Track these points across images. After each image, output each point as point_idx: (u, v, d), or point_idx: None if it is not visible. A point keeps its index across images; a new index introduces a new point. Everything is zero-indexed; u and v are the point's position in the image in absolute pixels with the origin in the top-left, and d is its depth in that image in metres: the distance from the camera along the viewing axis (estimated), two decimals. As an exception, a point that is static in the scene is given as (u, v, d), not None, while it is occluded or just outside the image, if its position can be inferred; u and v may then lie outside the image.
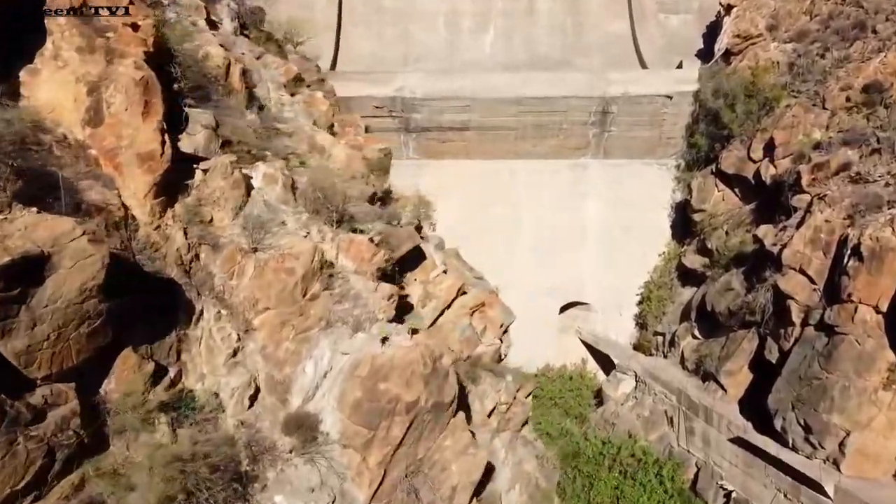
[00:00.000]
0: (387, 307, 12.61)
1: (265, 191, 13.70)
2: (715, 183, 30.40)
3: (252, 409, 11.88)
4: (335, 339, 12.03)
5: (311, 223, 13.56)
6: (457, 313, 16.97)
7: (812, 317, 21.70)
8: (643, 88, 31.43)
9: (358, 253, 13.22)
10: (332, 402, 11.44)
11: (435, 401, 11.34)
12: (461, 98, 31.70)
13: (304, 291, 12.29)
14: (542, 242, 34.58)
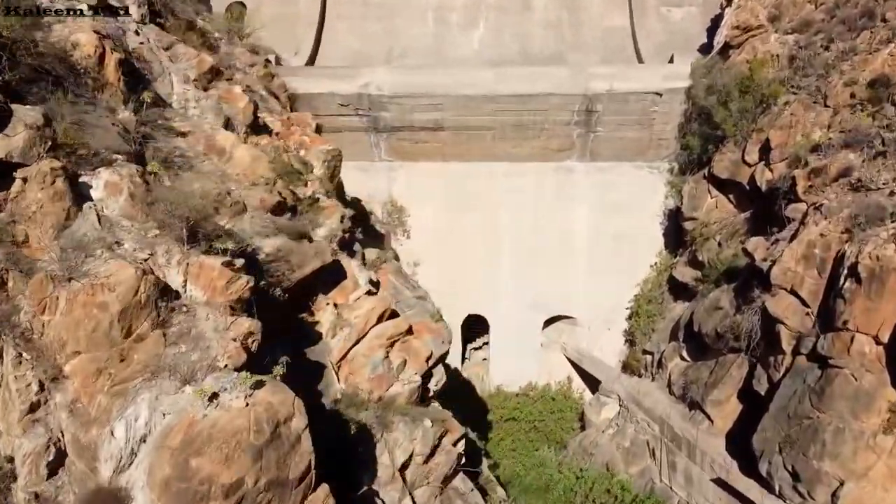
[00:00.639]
0: (234, 351, 10.17)
1: (106, 203, 11.38)
2: (708, 188, 27.54)
3: (54, 479, 9.57)
4: (158, 394, 9.64)
5: (160, 243, 11.22)
6: (371, 345, 14.50)
7: (804, 345, 18.85)
8: (630, 84, 28.64)
9: (209, 280, 10.84)
10: (144, 476, 9.07)
11: (271, 478, 8.89)
12: (432, 95, 29.23)
13: (125, 331, 9.93)
14: (524, 251, 32.01)
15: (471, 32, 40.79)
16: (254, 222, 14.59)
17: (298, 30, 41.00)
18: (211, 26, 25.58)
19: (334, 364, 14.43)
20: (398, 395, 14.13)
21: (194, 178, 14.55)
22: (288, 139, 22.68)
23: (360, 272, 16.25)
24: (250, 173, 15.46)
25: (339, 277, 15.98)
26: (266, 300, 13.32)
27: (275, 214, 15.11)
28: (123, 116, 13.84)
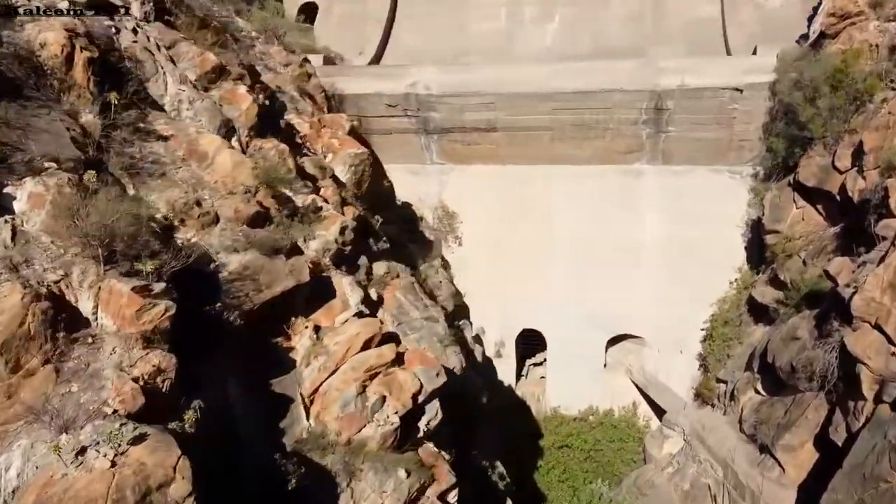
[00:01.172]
0: (129, 394, 8.75)
1: (28, 216, 10.31)
2: (793, 197, 24.01)
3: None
4: (34, 441, 8.36)
5: (78, 262, 10.02)
6: (346, 377, 12.81)
7: (888, 392, 15.54)
8: (704, 79, 25.48)
9: (118, 308, 9.51)
10: (4, 535, 7.82)
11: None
12: (482, 94, 27.27)
13: (12, 365, 8.74)
14: (584, 262, 29.42)
15: (544, 27, 38.45)
16: (224, 236, 13.27)
17: (366, 29, 40.08)
18: (250, 25, 24.84)
19: (306, 397, 12.86)
20: (369, 438, 12.36)
21: (163, 185, 13.42)
22: (315, 142, 21.48)
23: (352, 290, 14.60)
24: (230, 181, 14.16)
25: (328, 296, 14.42)
26: (223, 325, 11.97)
27: (253, 226, 13.74)
28: (86, 120, 12.84)
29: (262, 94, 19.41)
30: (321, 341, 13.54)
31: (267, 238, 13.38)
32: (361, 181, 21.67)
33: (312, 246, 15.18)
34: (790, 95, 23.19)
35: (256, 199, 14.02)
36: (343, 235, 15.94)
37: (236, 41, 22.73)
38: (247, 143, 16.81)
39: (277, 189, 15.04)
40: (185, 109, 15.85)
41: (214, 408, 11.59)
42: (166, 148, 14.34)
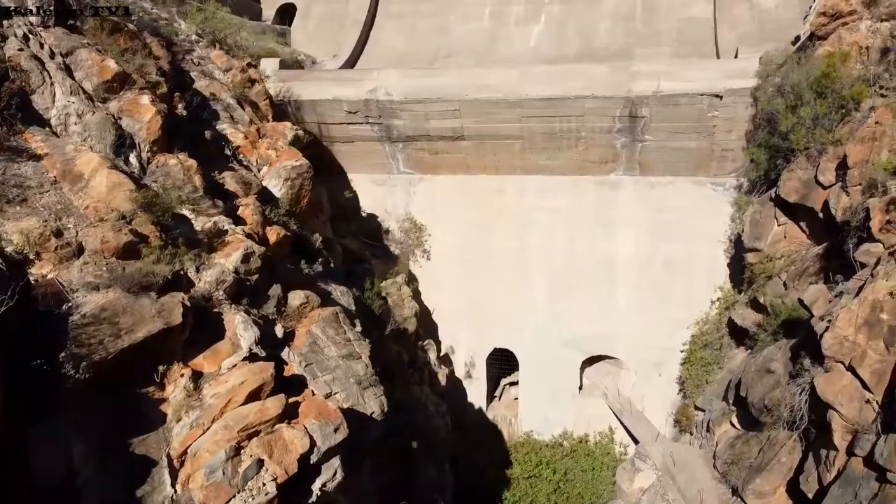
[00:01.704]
0: None
1: None
2: (774, 214, 22.05)
3: None
4: None
5: None
6: (218, 437, 11.15)
7: (860, 445, 13.67)
8: (681, 84, 23.54)
9: None
10: None
11: None
12: (447, 100, 25.52)
13: None
14: (558, 279, 27.64)
15: (529, 28, 36.77)
16: (85, 271, 11.69)
17: (343, 31, 38.60)
18: (192, 28, 23.33)
19: (175, 459, 11.22)
20: (237, 513, 10.70)
21: (21, 213, 11.88)
22: (250, 154, 19.92)
23: (245, 329, 12.95)
24: (102, 206, 12.58)
25: (216, 336, 12.78)
26: (64, 378, 10.39)
27: (124, 258, 12.14)
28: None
29: (181, 103, 17.89)
30: (199, 391, 11.91)
31: (135, 273, 11.77)
32: (300, 196, 20.06)
33: (206, 277, 13.56)
34: (771, 102, 21.25)
35: (131, 227, 12.41)
36: (247, 263, 14.30)
37: (170, 45, 21.23)
38: (148, 158, 15.25)
39: (167, 213, 13.38)
40: (74, 124, 14.32)
41: (50, 476, 10.05)
42: (36, 169, 12.81)
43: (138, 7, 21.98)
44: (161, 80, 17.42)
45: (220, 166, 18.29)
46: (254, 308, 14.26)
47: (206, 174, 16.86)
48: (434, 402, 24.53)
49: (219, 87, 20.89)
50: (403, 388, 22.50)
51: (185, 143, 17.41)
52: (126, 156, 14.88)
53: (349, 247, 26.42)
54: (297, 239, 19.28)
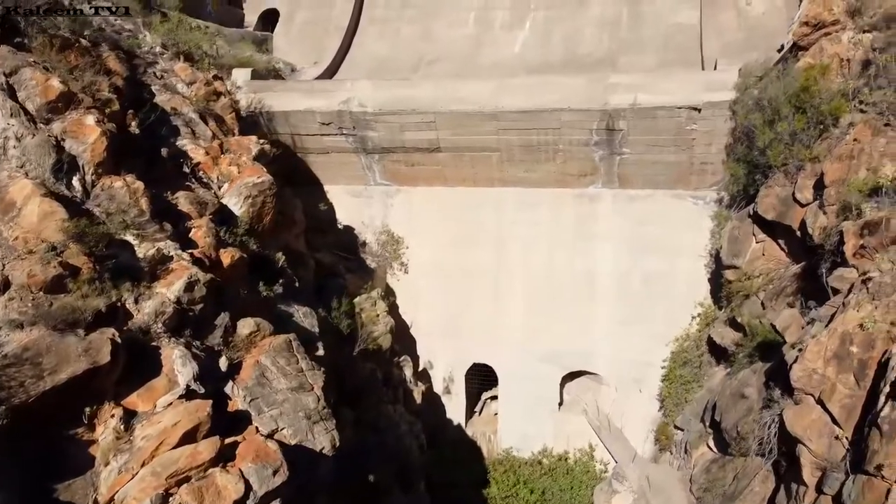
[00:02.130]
0: None
1: None
2: (752, 230, 21.47)
3: None
4: None
5: None
6: (145, 484, 10.58)
7: (829, 483, 13.10)
8: (658, 97, 22.96)
9: None
10: None
11: None
12: (422, 112, 24.95)
13: None
14: (538, 294, 27.09)
15: (514, 34, 36.23)
16: (10, 307, 11.14)
17: (325, 37, 38.02)
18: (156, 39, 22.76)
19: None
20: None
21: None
22: (210, 171, 19.35)
23: (183, 364, 12.39)
24: (32, 237, 12.01)
25: (151, 373, 12.22)
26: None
27: (53, 292, 11.58)
28: None
29: (134, 121, 17.32)
30: (131, 433, 11.36)
31: (61, 309, 11.20)
32: (262, 213, 19.47)
33: (145, 308, 12.99)
34: (747, 117, 20.67)
35: (61, 260, 11.83)
36: (190, 292, 13.73)
37: (132, 58, 20.69)
38: (93, 181, 14.67)
39: (101, 243, 12.78)
40: (13, 148, 13.76)
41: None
42: (-35, 197, 12.25)
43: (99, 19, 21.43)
44: (113, 97, 16.84)
45: (176, 185, 17.68)
46: (197, 339, 13.69)
47: (159, 195, 16.30)
48: (408, 420, 24.00)
49: (180, 101, 20.30)
50: (375, 408, 21.95)
51: (138, 162, 16.83)
52: (69, 179, 14.30)
53: (322, 261, 25.85)
54: (258, 259, 18.69)
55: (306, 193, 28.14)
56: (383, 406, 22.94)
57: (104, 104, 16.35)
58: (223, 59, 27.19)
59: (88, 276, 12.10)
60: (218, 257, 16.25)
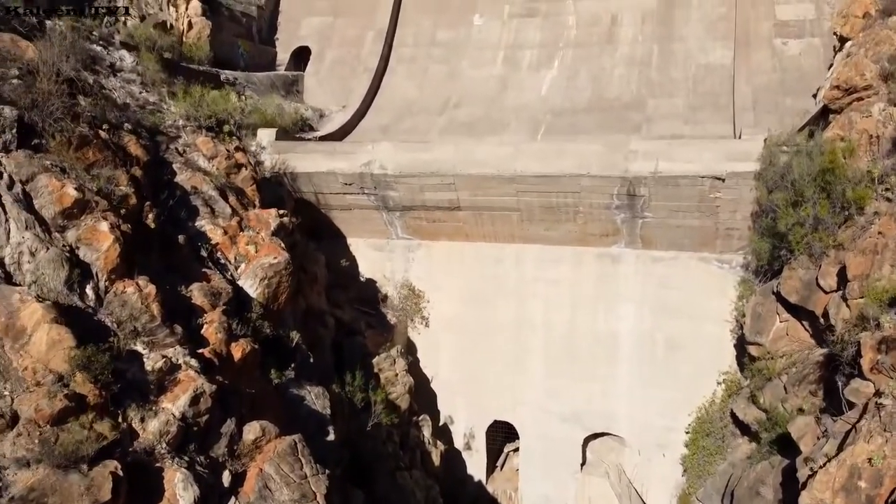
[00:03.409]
0: None
1: None
2: (776, 309, 20.89)
3: None
4: None
5: None
6: None
7: None
8: (679, 166, 22.49)
9: None
10: None
11: None
12: (441, 174, 24.96)
13: None
14: (558, 353, 26.87)
15: (542, 74, 36.10)
16: (18, 444, 11.57)
17: (355, 77, 38.43)
18: (180, 110, 23.25)
19: None
20: None
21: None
22: (228, 251, 19.79)
23: (185, 488, 12.68)
24: (41, 367, 12.43)
25: (155, 497, 12.54)
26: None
27: (60, 423, 11.96)
28: None
29: (151, 213, 17.76)
30: (129, 563, 11.68)
31: (66, 444, 11.58)
32: (277, 293, 19.81)
33: (150, 427, 13.32)
34: (770, 197, 20.09)
35: (67, 392, 12.21)
36: (196, 406, 14.03)
37: (154, 134, 21.22)
38: (106, 287, 15.10)
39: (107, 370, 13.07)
40: (27, 262, 14.25)
41: None
42: (-27, 324, 12.72)
43: (124, 93, 22.03)
44: (130, 191, 17.30)
45: (192, 273, 18.12)
46: (201, 454, 13.97)
47: (172, 290, 16.71)
48: (424, 486, 24.05)
49: (200, 179, 20.71)
50: (388, 479, 22.08)
51: (153, 254, 17.30)
52: (82, 288, 14.76)
53: (342, 318, 26.14)
54: (272, 340, 19.01)
55: (329, 245, 28.50)
56: (398, 473, 23.04)
57: (121, 201, 16.81)
58: (249, 116, 27.62)
59: (95, 403, 12.45)
60: (229, 352, 16.57)
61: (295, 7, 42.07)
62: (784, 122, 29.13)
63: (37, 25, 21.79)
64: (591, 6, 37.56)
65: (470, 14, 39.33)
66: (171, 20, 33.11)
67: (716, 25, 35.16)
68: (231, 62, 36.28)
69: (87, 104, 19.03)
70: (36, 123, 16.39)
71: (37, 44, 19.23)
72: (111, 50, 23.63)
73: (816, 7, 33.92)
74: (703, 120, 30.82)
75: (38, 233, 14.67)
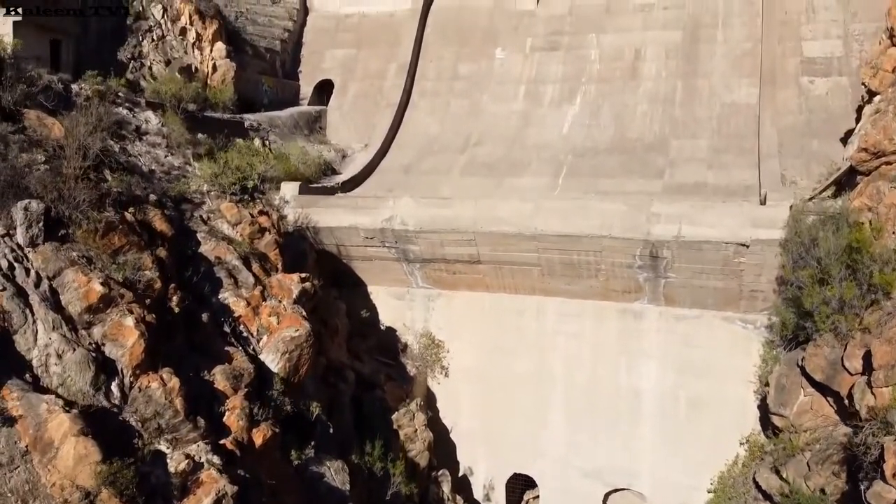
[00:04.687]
0: None
1: None
2: (801, 382, 20.60)
3: None
4: None
5: None
6: None
7: None
8: (703, 231, 22.26)
9: None
10: None
11: None
12: (461, 231, 25.00)
13: None
14: (579, 407, 26.78)
15: (564, 110, 35.99)
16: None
17: (378, 112, 38.62)
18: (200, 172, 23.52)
19: None
20: None
21: (-17, 502, 12.10)
22: (251, 323, 20.06)
23: None
24: (68, 483, 12.70)
25: None
26: None
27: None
28: None
29: (175, 295, 18.02)
30: None
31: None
32: (299, 366, 20.01)
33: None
34: (795, 273, 19.81)
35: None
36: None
37: (179, 203, 21.52)
38: (130, 384, 15.38)
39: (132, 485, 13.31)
40: (54, 365, 14.56)
41: None
42: (9, 437, 13.06)
43: (149, 158, 22.35)
44: (156, 276, 17.57)
45: (215, 351, 18.37)
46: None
47: (196, 376, 16.97)
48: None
49: (224, 249, 20.95)
50: (407, 543, 22.25)
51: (178, 336, 17.58)
52: (107, 386, 15.05)
53: (362, 371, 26.28)
54: (292, 417, 19.22)
55: (350, 293, 28.71)
56: (418, 535, 23.19)
57: (146, 288, 17.02)
58: (273, 167, 27.89)
59: (123, 514, 12.70)
60: (250, 438, 16.80)
61: (319, 39, 42.36)
62: (810, 169, 28.92)
63: (63, 93, 22.20)
64: (614, 40, 37.29)
65: (492, 47, 39.28)
66: (196, 63, 33.49)
67: (741, 61, 34.72)
68: (255, 100, 36.63)
69: (114, 181, 19.36)
70: (63, 214, 16.66)
71: (63, 120, 19.56)
72: (136, 112, 23.96)
73: (845, 44, 33.35)
74: (727, 164, 30.46)
75: (65, 332, 14.98)
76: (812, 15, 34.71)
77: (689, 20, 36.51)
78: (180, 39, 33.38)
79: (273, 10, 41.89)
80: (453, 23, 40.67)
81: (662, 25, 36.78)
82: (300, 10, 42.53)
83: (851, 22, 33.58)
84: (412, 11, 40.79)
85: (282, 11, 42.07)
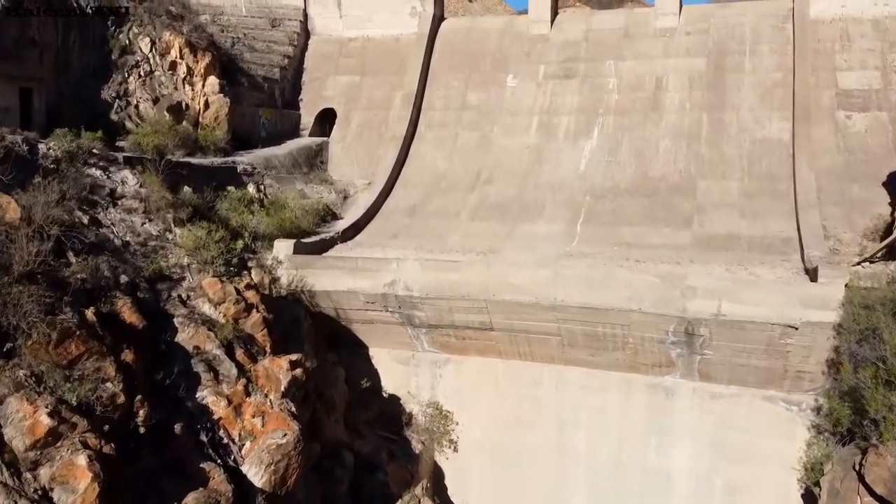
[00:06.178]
0: None
1: None
2: (858, 490, 17.98)
3: None
4: None
5: None
6: None
7: None
8: (747, 310, 19.69)
9: None
10: None
11: None
12: (471, 298, 22.56)
13: None
14: (603, 490, 24.26)
15: (580, 144, 33.50)
16: None
17: (382, 144, 36.22)
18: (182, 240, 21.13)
19: None
20: None
21: None
22: (233, 427, 17.71)
23: None
24: None
25: None
26: None
27: None
28: None
29: (143, 408, 15.67)
30: None
31: None
32: (286, 477, 17.67)
33: None
34: (855, 375, 17.22)
35: None
36: None
37: (154, 283, 19.15)
38: (84, 536, 13.00)
39: None
40: None
41: None
42: None
43: (124, 227, 20.05)
44: (119, 389, 15.23)
45: (189, 469, 16.02)
46: None
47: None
48: None
49: (204, 336, 18.57)
50: None
51: (145, 458, 15.25)
52: (53, 544, 12.71)
53: (362, 452, 23.88)
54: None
55: (349, 355, 26.45)
56: None
57: (107, 405, 14.71)
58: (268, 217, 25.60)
59: None
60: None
61: (320, 65, 39.94)
62: (852, 219, 26.33)
63: (27, 155, 19.91)
64: (634, 68, 34.66)
65: (503, 74, 36.75)
66: (187, 99, 31.16)
67: (771, 93, 32.05)
68: (252, 135, 34.29)
69: (77, 266, 17.03)
70: (9, 323, 14.33)
71: (20, 198, 17.25)
72: (112, 172, 21.59)
73: (883, 75, 30.69)
74: (761, 212, 27.81)
75: (6, 478, 12.64)
76: (847, 43, 32.01)
77: (713, 47, 33.86)
78: (170, 75, 30.99)
79: (272, 35, 39.49)
80: (462, 47, 38.18)
81: (685, 52, 34.14)
82: (301, 34, 40.11)
83: (889, 52, 30.92)
84: (419, 35, 38.35)
85: (282, 36, 39.65)
